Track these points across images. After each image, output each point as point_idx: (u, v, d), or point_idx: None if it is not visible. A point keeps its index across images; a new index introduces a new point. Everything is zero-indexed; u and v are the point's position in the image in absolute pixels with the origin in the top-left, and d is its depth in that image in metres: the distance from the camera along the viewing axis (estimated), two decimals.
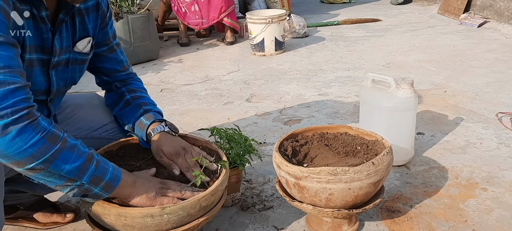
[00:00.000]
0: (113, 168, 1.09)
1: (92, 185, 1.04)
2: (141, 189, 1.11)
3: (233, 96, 2.69)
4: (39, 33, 1.10)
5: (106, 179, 1.06)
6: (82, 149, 1.02)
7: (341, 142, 1.43)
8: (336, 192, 1.21)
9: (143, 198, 1.10)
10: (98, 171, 1.04)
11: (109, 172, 1.07)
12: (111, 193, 1.08)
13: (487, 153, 1.84)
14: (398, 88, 1.69)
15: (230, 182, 1.43)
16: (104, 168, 1.06)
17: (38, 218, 1.46)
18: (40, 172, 0.97)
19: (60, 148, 0.97)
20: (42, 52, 1.13)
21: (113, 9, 3.33)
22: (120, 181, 1.08)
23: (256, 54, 3.65)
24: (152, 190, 1.12)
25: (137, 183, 1.12)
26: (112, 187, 1.07)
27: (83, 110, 1.40)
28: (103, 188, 1.06)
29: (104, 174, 1.05)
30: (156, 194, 1.12)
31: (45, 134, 0.95)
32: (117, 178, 1.08)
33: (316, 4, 6.07)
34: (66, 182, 1.01)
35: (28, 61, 1.09)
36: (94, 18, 1.28)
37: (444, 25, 4.33)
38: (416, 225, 1.41)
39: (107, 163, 1.08)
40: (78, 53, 1.25)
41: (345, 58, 3.40)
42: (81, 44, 1.25)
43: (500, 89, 2.53)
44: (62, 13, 1.15)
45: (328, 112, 2.37)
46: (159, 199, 1.11)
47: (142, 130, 1.33)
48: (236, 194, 1.53)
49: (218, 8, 3.79)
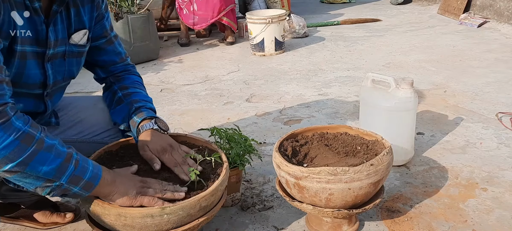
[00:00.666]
0: (93, 166, 1.06)
1: (71, 185, 1.01)
2: (121, 187, 1.09)
3: (233, 96, 2.69)
4: (34, 25, 1.08)
5: (86, 178, 1.03)
6: (60, 148, 0.99)
7: (341, 142, 1.43)
8: (336, 192, 1.21)
9: (123, 196, 1.08)
10: (77, 171, 1.01)
11: (89, 171, 1.04)
12: (91, 192, 1.06)
13: (487, 153, 1.84)
14: (398, 88, 1.69)
15: (230, 182, 1.43)
16: (84, 167, 1.03)
17: (38, 217, 1.46)
18: (16, 174, 0.94)
19: (35, 149, 0.93)
20: (37, 44, 1.11)
21: (113, 9, 3.33)
22: (100, 179, 1.06)
23: (256, 54, 3.65)
24: (132, 189, 1.09)
25: (117, 181, 1.09)
26: (92, 186, 1.05)
27: (86, 113, 1.39)
28: (83, 187, 1.03)
29: (84, 173, 1.03)
30: (136, 193, 1.09)
31: (19, 135, 0.91)
32: (97, 176, 1.06)
33: (316, 4, 6.07)
34: (45, 183, 0.98)
35: (21, 53, 1.07)
36: (90, 10, 1.25)
37: (444, 25, 4.33)
38: (416, 225, 1.41)
39: (86, 162, 1.05)
40: (74, 46, 1.22)
41: (345, 58, 3.40)
42: (77, 36, 1.22)
43: (500, 89, 2.53)
44: (55, 4, 1.13)
45: (328, 112, 2.37)
46: (139, 198, 1.09)
47: (134, 128, 1.32)
48: (236, 194, 1.53)
49: (217, 6, 3.78)
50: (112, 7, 3.33)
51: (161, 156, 1.25)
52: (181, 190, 1.15)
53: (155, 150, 1.26)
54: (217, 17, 3.81)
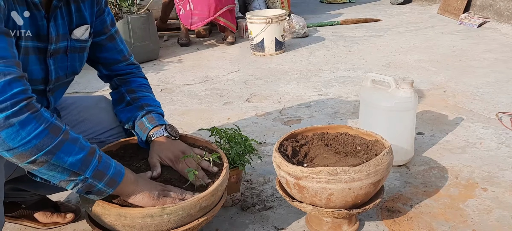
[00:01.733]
0: (116, 164, 1.08)
1: (95, 180, 1.03)
2: (144, 187, 1.11)
3: (233, 96, 2.69)
4: (34, 21, 1.08)
5: (110, 174, 1.05)
6: (84, 142, 1.01)
7: (341, 142, 1.43)
8: (336, 192, 1.21)
9: (146, 196, 1.09)
10: (101, 166, 1.03)
11: (112, 167, 1.06)
12: (115, 190, 1.07)
13: (487, 153, 1.84)
14: (398, 88, 1.69)
15: (230, 182, 1.43)
16: (107, 163, 1.05)
17: (39, 217, 1.46)
18: (42, 165, 0.95)
19: (62, 139, 0.96)
20: (38, 39, 1.11)
21: (113, 9, 3.33)
22: (123, 177, 1.07)
23: (256, 54, 3.65)
24: (155, 190, 1.12)
25: (139, 181, 1.11)
26: (116, 183, 1.06)
27: (89, 113, 1.39)
28: (107, 183, 1.05)
29: (107, 169, 1.04)
30: (158, 194, 1.11)
31: (48, 125, 0.94)
32: (121, 173, 1.07)
33: (316, 4, 6.07)
34: (70, 177, 1.00)
35: (24, 48, 1.07)
36: (90, 5, 1.25)
37: (444, 25, 4.33)
38: (416, 225, 1.41)
39: (109, 159, 1.07)
40: (75, 41, 1.22)
41: (345, 58, 3.40)
42: (79, 32, 1.22)
43: (500, 89, 2.53)
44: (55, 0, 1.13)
45: (328, 112, 2.37)
46: (162, 199, 1.11)
47: (143, 132, 1.31)
48: (236, 194, 1.53)
49: (213, 6, 3.77)
50: (112, 7, 3.33)
51: (175, 165, 1.26)
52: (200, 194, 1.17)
53: (168, 159, 1.26)
54: (213, 16, 3.80)
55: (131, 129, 1.36)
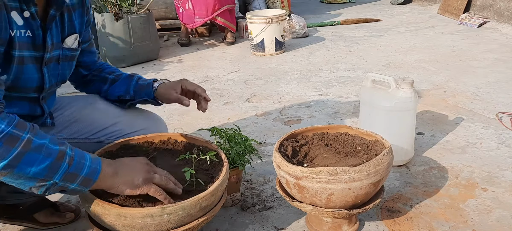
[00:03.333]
0: (92, 161, 1.03)
1: (66, 182, 0.99)
2: (125, 177, 1.07)
3: (233, 96, 2.69)
4: (31, 30, 1.09)
5: (83, 174, 1.00)
6: (51, 147, 0.96)
7: (341, 142, 1.43)
8: (336, 192, 1.21)
9: (128, 185, 1.07)
10: (72, 168, 0.98)
11: (86, 167, 1.01)
12: (93, 187, 1.04)
13: (487, 153, 1.84)
14: (398, 88, 1.69)
15: (230, 182, 1.43)
16: (79, 163, 1.00)
17: (38, 218, 1.46)
18: (6, 175, 0.92)
19: (21, 151, 0.90)
20: (34, 49, 1.12)
21: (113, 9, 3.33)
22: (100, 173, 1.04)
23: (256, 54, 3.65)
24: (138, 176, 1.08)
25: (119, 172, 1.07)
26: (91, 181, 1.03)
27: (82, 113, 1.39)
28: (81, 183, 1.01)
29: (80, 170, 1.00)
30: (143, 181, 1.08)
31: (2, 136, 0.89)
32: (96, 171, 1.03)
33: (316, 4, 6.07)
34: (38, 183, 0.96)
35: (19, 58, 1.07)
36: (80, 14, 1.29)
37: (444, 25, 4.33)
38: (416, 225, 1.41)
39: (83, 157, 1.01)
40: (67, 50, 1.25)
41: (345, 58, 3.40)
42: (70, 40, 1.25)
43: (500, 89, 2.53)
44: (53, 9, 1.14)
45: (328, 112, 2.37)
46: (146, 187, 1.08)
47: (146, 89, 1.39)
48: (236, 194, 1.53)
49: (211, 5, 3.77)
50: (112, 7, 3.33)
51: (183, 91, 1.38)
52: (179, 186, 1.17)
53: (186, 89, 1.38)
54: (212, 16, 3.80)
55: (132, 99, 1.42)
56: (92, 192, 1.12)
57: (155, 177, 1.11)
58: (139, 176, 1.09)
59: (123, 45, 3.38)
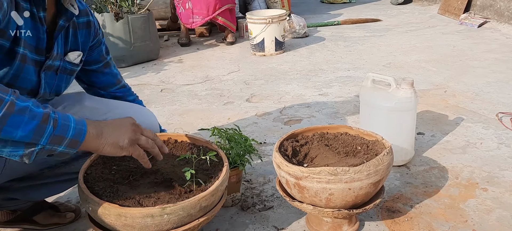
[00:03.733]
0: (76, 122, 1.01)
1: (54, 145, 0.97)
2: (110, 138, 1.05)
3: (233, 96, 2.69)
4: (36, 33, 1.11)
5: (69, 136, 0.99)
6: (35, 110, 0.94)
7: (341, 142, 1.43)
8: (336, 192, 1.21)
9: (112, 147, 1.05)
10: (57, 131, 0.97)
11: (71, 128, 0.99)
12: (79, 148, 1.02)
13: (487, 153, 1.84)
14: (398, 88, 1.69)
15: (230, 182, 1.43)
16: (64, 125, 0.98)
17: (38, 220, 1.46)
18: None
19: (6, 113, 0.89)
20: (37, 52, 1.13)
21: (113, 9, 3.33)
22: (85, 134, 1.01)
23: (256, 54, 3.65)
24: (124, 137, 1.07)
25: (104, 133, 1.05)
26: (78, 142, 1.01)
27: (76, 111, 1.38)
28: (68, 145, 0.99)
29: (65, 132, 0.98)
30: (128, 142, 1.07)
31: None
32: (82, 132, 1.01)
33: (316, 4, 6.07)
34: (26, 149, 0.95)
35: (22, 55, 1.08)
36: (85, 34, 1.31)
37: (444, 25, 4.33)
38: (416, 225, 1.41)
39: (67, 119, 1.00)
40: (68, 63, 1.26)
41: (345, 58, 3.40)
42: (72, 55, 1.27)
43: (500, 89, 2.53)
44: (62, 20, 1.17)
45: (328, 112, 2.37)
46: (130, 148, 1.07)
47: None
48: (236, 194, 1.53)
49: (212, 5, 3.77)
50: (112, 7, 3.33)
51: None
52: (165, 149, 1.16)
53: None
54: (212, 15, 3.80)
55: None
56: (92, 192, 1.12)
57: (141, 138, 1.10)
58: (125, 137, 1.07)
59: (123, 45, 3.38)
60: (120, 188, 1.17)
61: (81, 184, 1.14)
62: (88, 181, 1.17)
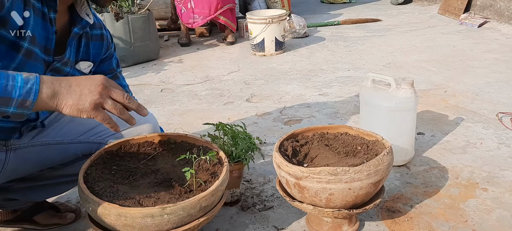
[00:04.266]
0: (24, 81, 0.93)
1: (1, 107, 0.92)
2: (69, 99, 0.97)
3: (233, 96, 2.69)
4: (45, 33, 1.11)
5: (16, 97, 0.92)
6: None
7: (341, 142, 1.43)
8: (336, 192, 1.21)
9: (71, 109, 0.97)
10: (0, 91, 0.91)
11: (17, 88, 0.92)
12: (36, 108, 0.96)
13: (488, 153, 1.84)
14: (398, 88, 1.69)
15: (232, 177, 1.44)
16: (8, 85, 0.92)
17: (39, 220, 1.46)
18: None
19: None
20: (45, 52, 1.13)
21: (113, 9, 3.33)
22: (37, 93, 0.94)
23: (256, 54, 3.65)
24: (85, 101, 0.98)
25: (61, 93, 0.97)
26: (29, 102, 0.94)
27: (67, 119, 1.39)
28: (18, 106, 0.93)
29: (10, 93, 0.92)
30: (90, 105, 0.98)
31: None
32: (32, 91, 0.94)
33: (316, 4, 6.07)
34: None
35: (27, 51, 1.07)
36: (97, 47, 1.32)
37: (444, 25, 4.33)
38: (416, 225, 1.41)
39: (13, 79, 0.93)
40: (78, 71, 1.27)
41: (345, 58, 3.40)
42: (83, 65, 1.28)
43: (500, 89, 2.53)
44: (77, 27, 1.18)
45: (328, 112, 2.37)
46: (93, 113, 0.98)
47: None
48: (236, 190, 1.54)
49: (214, 4, 3.77)
50: (112, 7, 3.33)
51: None
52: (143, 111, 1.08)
53: None
54: (214, 15, 3.80)
55: None
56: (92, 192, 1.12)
57: (107, 102, 1.01)
58: (86, 100, 0.98)
59: (124, 45, 3.38)
60: (120, 188, 1.17)
61: (81, 184, 1.14)
62: (88, 181, 1.17)
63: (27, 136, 1.26)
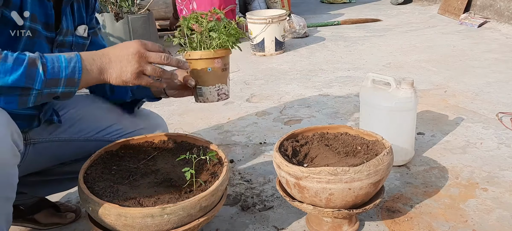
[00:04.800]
0: (68, 61, 1.00)
1: (51, 88, 0.99)
2: (113, 72, 1.04)
3: (233, 96, 2.69)
4: (43, 10, 1.11)
5: (63, 76, 0.99)
6: (21, 56, 0.96)
7: (341, 142, 1.43)
8: (336, 192, 1.21)
9: (118, 81, 1.04)
10: (48, 74, 0.97)
11: (63, 68, 0.99)
12: (81, 85, 1.02)
13: (487, 153, 1.84)
14: (398, 88, 1.69)
15: (215, 70, 1.28)
16: (54, 67, 0.98)
17: (39, 218, 1.46)
18: None
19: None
20: (47, 28, 1.14)
21: (113, 9, 3.33)
22: (81, 70, 1.01)
23: (256, 54, 3.65)
24: (127, 70, 1.04)
25: (105, 69, 1.04)
26: (75, 80, 1.00)
27: (86, 111, 1.39)
28: (66, 84, 1.00)
29: (57, 73, 0.98)
30: (132, 74, 1.04)
31: None
32: (76, 69, 1.00)
33: (316, 4, 6.07)
34: (23, 92, 0.96)
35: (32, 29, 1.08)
36: (86, 6, 1.30)
37: (444, 25, 4.33)
38: (416, 225, 1.41)
39: (57, 60, 0.99)
40: (79, 37, 1.27)
41: (345, 58, 3.40)
42: (80, 29, 1.27)
43: (500, 89, 2.53)
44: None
45: (328, 112, 2.37)
46: (136, 80, 1.05)
47: (142, 87, 1.34)
48: (222, 87, 1.33)
49: (216, 6, 3.78)
50: (112, 7, 3.33)
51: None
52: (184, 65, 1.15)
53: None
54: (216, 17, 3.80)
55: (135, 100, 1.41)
56: (92, 192, 1.12)
57: (147, 68, 1.06)
58: (128, 71, 1.04)
59: None
60: (120, 188, 1.17)
61: (81, 184, 1.14)
62: (88, 181, 1.17)
63: (46, 131, 1.28)
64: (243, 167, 1.83)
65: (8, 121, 0.98)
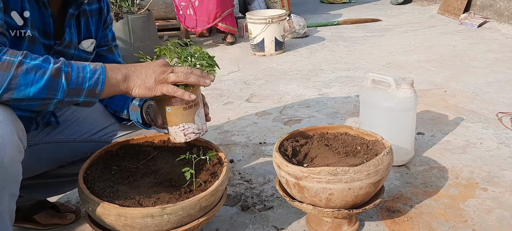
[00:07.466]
0: (93, 72, 1.01)
1: (73, 97, 1.00)
2: (137, 80, 1.07)
3: (233, 96, 2.69)
4: (41, 17, 1.12)
5: (86, 87, 1.00)
6: (44, 66, 0.96)
7: (341, 142, 1.43)
8: (336, 192, 1.21)
9: (141, 89, 1.07)
10: (72, 84, 0.98)
11: (87, 79, 1.00)
12: (102, 95, 1.04)
13: (487, 153, 1.84)
14: (398, 88, 1.69)
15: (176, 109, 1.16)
16: (79, 77, 0.99)
17: (39, 219, 1.46)
18: (9, 100, 0.95)
19: (15, 74, 0.93)
20: (44, 36, 1.14)
21: (113, 9, 3.33)
22: (105, 82, 1.02)
23: (256, 54, 3.65)
24: (151, 78, 1.07)
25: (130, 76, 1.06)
26: (98, 91, 1.02)
27: (83, 112, 1.40)
28: (88, 95, 1.01)
29: (81, 84, 1.00)
30: (155, 81, 1.07)
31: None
32: (100, 81, 1.02)
33: (316, 4, 6.07)
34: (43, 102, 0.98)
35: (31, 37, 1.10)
36: (96, 21, 1.31)
37: (444, 25, 4.33)
38: (416, 225, 1.41)
39: (82, 70, 1.01)
40: (82, 51, 1.27)
41: (345, 58, 3.40)
42: (86, 44, 1.28)
43: (500, 89, 2.53)
44: (72, 8, 1.18)
45: (328, 112, 2.37)
46: (159, 87, 1.07)
47: (136, 112, 1.34)
48: (188, 126, 1.19)
49: (213, 13, 3.80)
50: (112, 7, 3.33)
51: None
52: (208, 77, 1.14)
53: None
54: (213, 22, 3.83)
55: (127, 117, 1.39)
56: (92, 192, 1.12)
57: (170, 76, 1.09)
58: (151, 78, 1.08)
59: (123, 45, 3.38)
60: (120, 188, 1.17)
61: (81, 184, 1.14)
62: (88, 181, 1.17)
63: (42, 133, 1.28)
64: (243, 167, 1.83)
65: (14, 118, 0.98)
